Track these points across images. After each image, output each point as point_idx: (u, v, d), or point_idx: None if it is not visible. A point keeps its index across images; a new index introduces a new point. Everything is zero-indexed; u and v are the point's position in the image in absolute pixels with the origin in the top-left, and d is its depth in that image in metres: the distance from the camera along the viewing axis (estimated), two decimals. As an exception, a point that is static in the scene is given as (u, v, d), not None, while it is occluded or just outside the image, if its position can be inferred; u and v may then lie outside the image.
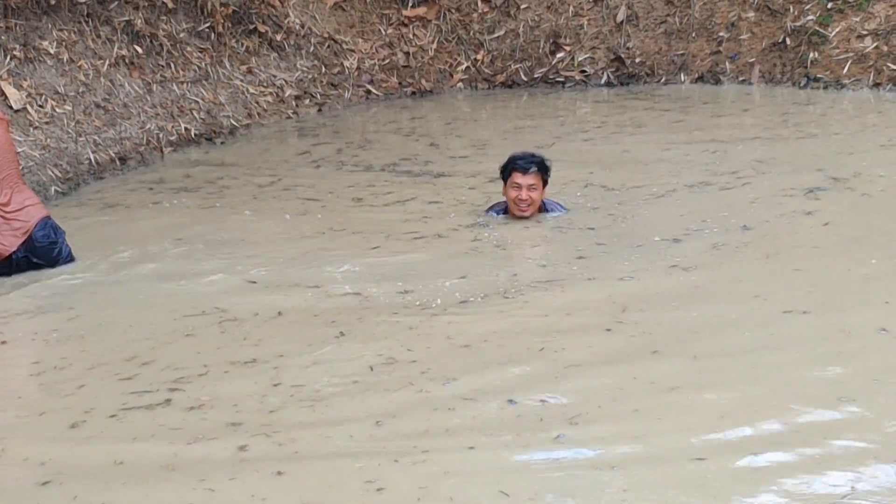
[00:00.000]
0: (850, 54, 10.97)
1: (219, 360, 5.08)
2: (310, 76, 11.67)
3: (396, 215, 7.53)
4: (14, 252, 6.46)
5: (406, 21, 12.52)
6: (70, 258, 6.64)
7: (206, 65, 10.79)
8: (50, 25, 9.72)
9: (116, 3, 10.25)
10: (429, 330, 5.34)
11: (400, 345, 5.15)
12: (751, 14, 11.69)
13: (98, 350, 5.32)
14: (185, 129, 10.03)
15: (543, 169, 7.10)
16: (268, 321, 5.59)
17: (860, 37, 11.02)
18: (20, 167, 6.92)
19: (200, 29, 10.91)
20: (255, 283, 6.20)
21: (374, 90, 11.96)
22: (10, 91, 8.92)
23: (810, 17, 11.28)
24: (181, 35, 10.70)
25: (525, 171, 7.03)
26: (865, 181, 7.59)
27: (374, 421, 4.38)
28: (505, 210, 7.21)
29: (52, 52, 9.54)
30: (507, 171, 7.10)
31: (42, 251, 6.52)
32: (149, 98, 10.05)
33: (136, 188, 8.75)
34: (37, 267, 6.49)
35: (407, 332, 5.31)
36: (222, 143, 10.21)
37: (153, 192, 8.60)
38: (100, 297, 6.11)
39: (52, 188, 8.47)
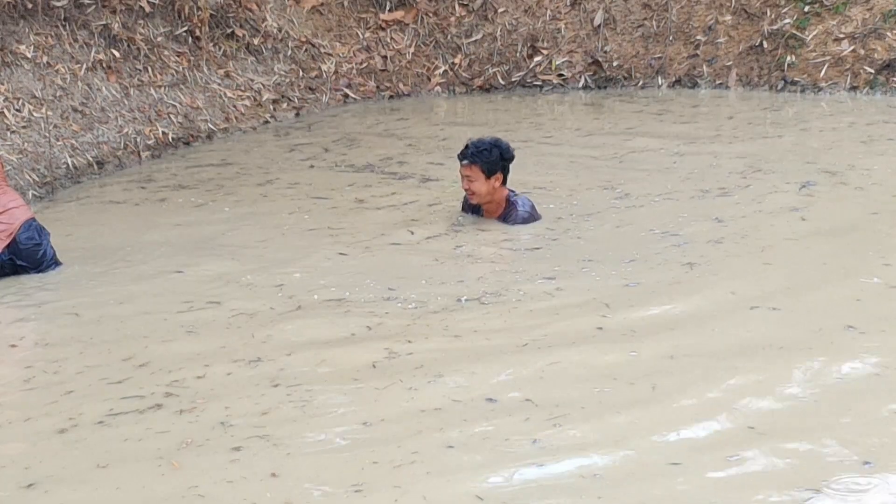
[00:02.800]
0: (827, 58, 11.03)
1: (222, 360, 5.07)
2: (287, 80, 11.63)
3: (390, 216, 7.49)
4: None
5: (383, 25, 12.49)
6: (54, 260, 6.56)
7: (183, 69, 10.73)
8: (27, 29, 9.66)
9: (93, 6, 10.19)
10: (426, 329, 5.40)
11: (399, 345, 5.18)
12: (728, 17, 11.73)
13: (93, 352, 5.28)
14: (163, 133, 9.97)
15: (478, 160, 6.72)
16: (271, 321, 5.58)
17: (837, 40, 11.08)
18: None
19: (178, 33, 10.86)
20: (250, 283, 6.18)
21: (351, 94, 11.92)
22: (-13, 95, 8.87)
23: (787, 21, 11.33)
24: (158, 39, 10.65)
25: (460, 162, 6.86)
26: (859, 175, 7.68)
27: (363, 422, 4.41)
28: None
29: (29, 56, 9.48)
30: None
31: (26, 253, 6.44)
32: (126, 102, 9.99)
33: (128, 187, 8.69)
34: (23, 270, 6.44)
35: (404, 333, 5.34)
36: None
37: (145, 190, 8.55)
38: (94, 297, 6.06)
39: (30, 192, 8.40)
